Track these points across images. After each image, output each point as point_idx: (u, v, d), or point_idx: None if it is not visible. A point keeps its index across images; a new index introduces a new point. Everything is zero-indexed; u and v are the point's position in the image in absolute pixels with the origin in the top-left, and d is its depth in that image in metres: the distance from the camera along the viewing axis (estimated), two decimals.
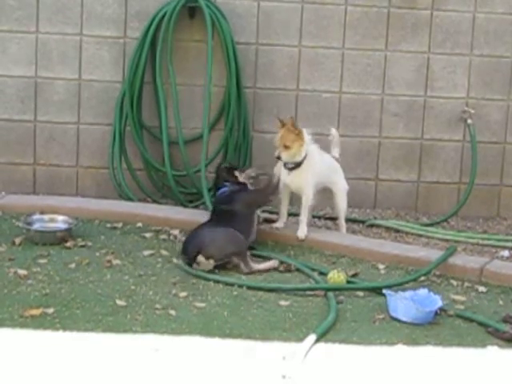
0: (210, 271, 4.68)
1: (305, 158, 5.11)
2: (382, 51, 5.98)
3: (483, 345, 4.02)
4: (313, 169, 5.16)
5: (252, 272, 4.73)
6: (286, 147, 5.04)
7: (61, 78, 5.88)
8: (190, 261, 4.69)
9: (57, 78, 5.88)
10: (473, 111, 6.00)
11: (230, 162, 5.43)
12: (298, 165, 5.12)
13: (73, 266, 4.68)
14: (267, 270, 4.79)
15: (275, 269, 4.81)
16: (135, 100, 5.78)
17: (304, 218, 5.19)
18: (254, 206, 5.10)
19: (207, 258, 4.69)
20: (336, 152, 5.41)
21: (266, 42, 5.92)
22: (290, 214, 5.45)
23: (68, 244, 4.98)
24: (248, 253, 4.85)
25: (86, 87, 5.90)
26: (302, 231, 5.17)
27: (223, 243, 4.76)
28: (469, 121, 6.00)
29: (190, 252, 4.72)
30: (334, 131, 5.45)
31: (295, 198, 5.39)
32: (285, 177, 5.17)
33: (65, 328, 3.89)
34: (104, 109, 5.90)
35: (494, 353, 3.96)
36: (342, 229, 5.41)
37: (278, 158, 5.09)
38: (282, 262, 4.89)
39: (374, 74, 5.99)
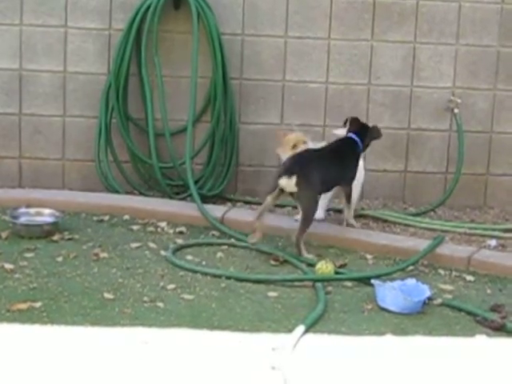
0: (198, 264, 4.68)
1: None
2: (368, 41, 5.97)
3: (472, 334, 4.03)
4: None
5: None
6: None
7: (46, 70, 5.84)
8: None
9: (42, 70, 5.84)
10: (459, 101, 6.00)
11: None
12: None
13: (60, 259, 4.66)
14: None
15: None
16: (121, 92, 5.75)
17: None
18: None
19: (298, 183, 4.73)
20: None
21: (252, 33, 5.90)
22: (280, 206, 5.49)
23: (55, 237, 4.96)
24: None
25: (71, 79, 5.86)
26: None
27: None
28: (455, 110, 6.01)
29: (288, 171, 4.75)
30: (339, 132, 5.40)
31: None
32: None
33: (52, 322, 3.87)
34: (89, 101, 5.86)
35: (482, 342, 3.97)
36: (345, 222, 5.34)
37: None
38: (270, 254, 4.90)
39: (361, 64, 5.98)
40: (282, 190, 4.83)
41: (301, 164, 4.85)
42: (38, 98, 5.86)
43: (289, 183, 4.77)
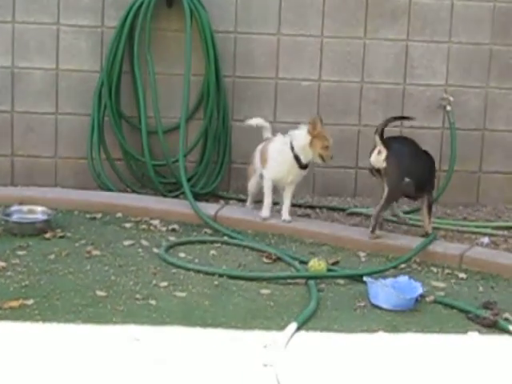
0: (190, 261, 4.69)
1: None
2: (360, 39, 5.97)
3: (464, 331, 4.04)
4: None
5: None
6: None
7: (38, 67, 5.83)
8: None
9: (34, 67, 5.83)
10: (452, 98, 6.01)
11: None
12: None
13: (52, 257, 4.65)
14: None
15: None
16: (113, 90, 5.75)
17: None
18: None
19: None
20: None
21: (245, 31, 5.90)
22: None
23: (47, 235, 4.95)
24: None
25: (63, 77, 5.85)
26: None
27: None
28: (448, 108, 6.01)
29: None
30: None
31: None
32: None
33: (44, 320, 3.86)
34: (82, 99, 5.85)
35: (474, 339, 3.98)
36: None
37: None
38: (263, 251, 4.89)
39: (353, 61, 5.98)
40: (372, 171, 4.98)
41: (392, 144, 4.95)
42: (31, 96, 5.85)
43: (378, 158, 4.89)
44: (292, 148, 5.13)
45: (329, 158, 5.16)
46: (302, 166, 5.16)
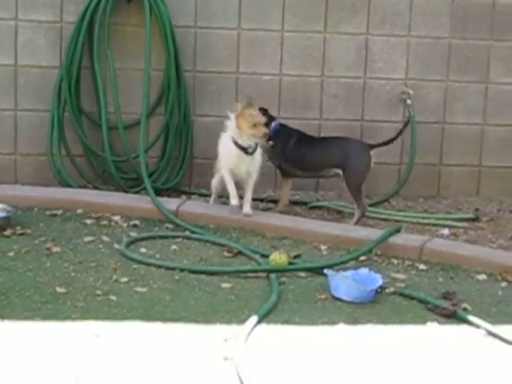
0: (151, 256, 4.67)
1: None
2: (321, 33, 5.99)
3: (423, 321, 4.06)
4: None
5: None
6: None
7: None
8: None
9: None
10: (412, 92, 6.05)
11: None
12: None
13: (11, 254, 4.61)
14: None
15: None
16: (73, 85, 5.71)
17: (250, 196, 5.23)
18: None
19: None
20: None
21: (205, 25, 5.89)
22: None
23: (6, 232, 4.90)
24: None
25: (22, 73, 5.80)
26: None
27: None
28: (408, 101, 6.05)
29: None
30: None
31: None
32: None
33: (3, 317, 3.82)
34: (41, 95, 5.81)
35: (433, 329, 4.01)
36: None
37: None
38: (224, 246, 4.89)
39: (314, 55, 6.00)
40: None
41: None
42: None
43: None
44: (231, 136, 5.15)
45: (260, 136, 5.08)
46: (247, 152, 5.14)
